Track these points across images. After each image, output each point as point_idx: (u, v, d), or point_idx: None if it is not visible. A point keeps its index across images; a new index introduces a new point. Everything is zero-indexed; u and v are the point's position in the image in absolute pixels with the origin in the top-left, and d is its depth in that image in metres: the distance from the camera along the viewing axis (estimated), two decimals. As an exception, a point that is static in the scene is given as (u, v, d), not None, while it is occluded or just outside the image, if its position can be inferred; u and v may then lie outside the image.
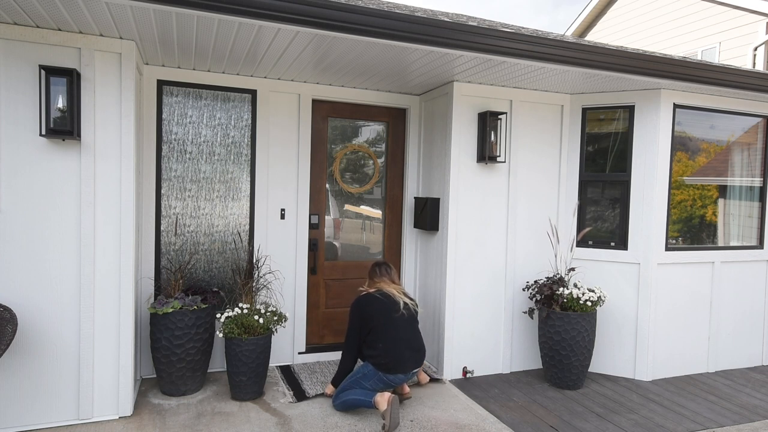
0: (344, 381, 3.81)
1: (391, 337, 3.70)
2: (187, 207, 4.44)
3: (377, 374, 3.68)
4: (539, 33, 4.02)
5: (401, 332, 3.74)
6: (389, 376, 3.68)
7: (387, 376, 3.68)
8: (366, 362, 3.78)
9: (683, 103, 4.64)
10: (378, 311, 3.76)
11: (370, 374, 3.70)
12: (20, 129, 3.26)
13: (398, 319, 3.77)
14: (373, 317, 3.74)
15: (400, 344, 3.71)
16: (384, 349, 3.67)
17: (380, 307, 3.78)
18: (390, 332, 3.72)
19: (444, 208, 4.55)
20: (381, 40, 3.26)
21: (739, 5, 8.38)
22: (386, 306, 3.79)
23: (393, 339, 3.70)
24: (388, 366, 3.65)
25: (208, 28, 3.21)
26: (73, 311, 3.43)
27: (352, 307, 3.87)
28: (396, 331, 3.73)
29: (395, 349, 3.68)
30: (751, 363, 5.17)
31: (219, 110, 4.48)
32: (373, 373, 3.69)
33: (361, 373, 3.74)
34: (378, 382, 3.70)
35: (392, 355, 3.67)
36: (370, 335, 3.75)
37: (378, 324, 3.73)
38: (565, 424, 3.72)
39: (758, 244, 5.18)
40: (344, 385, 3.78)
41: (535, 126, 4.76)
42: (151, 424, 3.50)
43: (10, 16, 3.06)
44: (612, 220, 4.77)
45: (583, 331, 4.28)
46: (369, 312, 3.77)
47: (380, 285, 3.92)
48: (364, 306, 3.82)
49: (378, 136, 5.13)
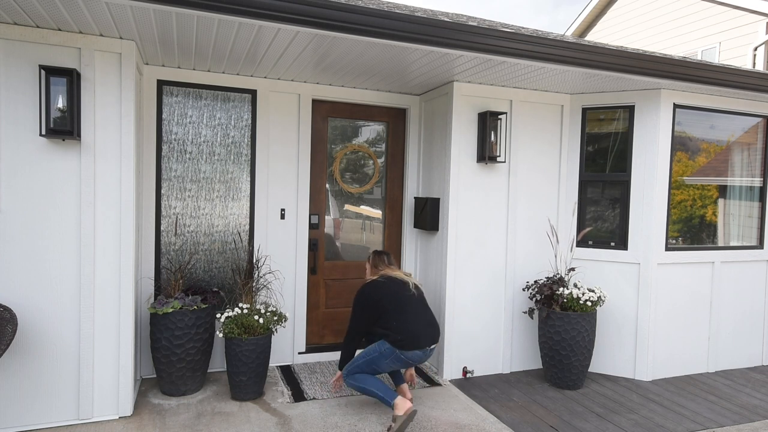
0: (359, 358, 3.69)
1: (404, 314, 3.62)
2: (187, 207, 4.44)
3: (394, 352, 3.57)
4: (539, 33, 4.02)
5: (414, 309, 3.66)
6: (406, 353, 3.57)
7: (404, 353, 3.57)
8: (382, 340, 3.65)
9: (683, 103, 4.64)
10: (387, 294, 3.68)
11: (387, 352, 3.59)
12: (20, 129, 3.26)
13: (410, 297, 3.70)
14: (382, 301, 3.65)
15: (415, 321, 3.62)
16: (398, 327, 3.57)
17: (389, 290, 3.70)
18: (403, 310, 3.63)
19: (444, 208, 4.55)
20: (381, 40, 3.26)
21: (739, 5, 8.38)
22: (395, 288, 3.71)
23: (407, 316, 3.61)
24: (404, 342, 3.55)
25: (208, 28, 3.21)
26: (73, 311, 3.43)
27: (358, 296, 3.77)
28: (409, 309, 3.65)
29: (411, 326, 3.59)
30: (751, 363, 5.17)
31: (219, 110, 4.48)
32: (390, 351, 3.58)
33: (378, 351, 3.63)
34: (395, 361, 3.61)
35: (408, 332, 3.57)
36: (381, 318, 3.64)
37: (389, 306, 3.63)
38: (565, 424, 3.72)
39: (758, 244, 5.18)
40: (359, 364, 3.67)
41: (535, 126, 4.76)
42: (151, 424, 3.50)
43: (10, 16, 3.06)
44: (612, 220, 4.77)
45: (583, 331, 4.28)
46: (377, 298, 3.67)
47: (385, 272, 3.85)
48: (371, 293, 3.71)
49: (378, 136, 5.13)
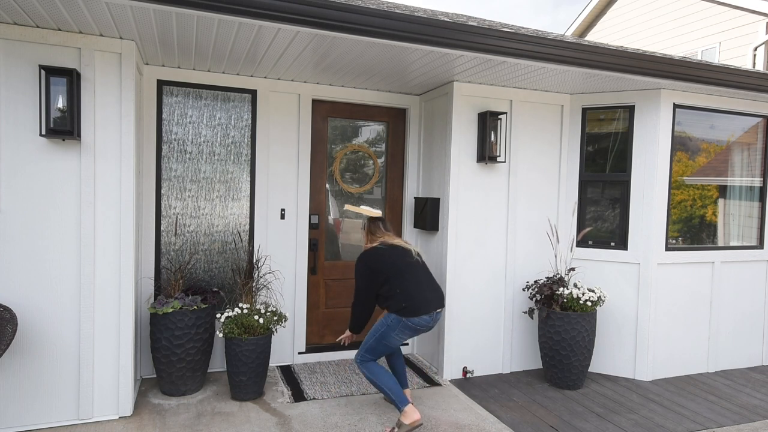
0: (369, 338, 3.62)
1: (408, 281, 3.53)
2: (187, 207, 4.44)
3: (401, 321, 3.48)
4: (539, 33, 4.02)
5: (416, 277, 3.58)
6: (414, 320, 3.47)
7: (411, 320, 3.47)
8: (387, 313, 3.58)
9: (683, 103, 4.64)
10: (388, 263, 3.58)
11: (393, 324, 3.51)
12: (20, 129, 3.26)
13: (413, 264, 3.62)
14: (384, 267, 3.56)
15: (418, 287, 3.53)
16: (402, 294, 3.49)
17: (389, 258, 3.61)
18: (406, 276, 3.55)
19: (444, 208, 4.55)
20: (381, 40, 3.26)
21: (739, 5, 8.38)
22: (396, 255, 3.62)
23: (410, 282, 3.53)
24: (410, 309, 3.46)
25: (208, 28, 3.21)
26: (73, 311, 3.43)
27: (359, 263, 3.65)
28: (411, 277, 3.56)
29: (415, 291, 3.51)
30: (751, 363, 5.17)
31: (219, 110, 4.48)
32: (396, 322, 3.49)
33: (385, 325, 3.55)
34: (404, 330, 3.51)
35: (413, 297, 3.49)
36: (385, 286, 3.56)
37: (391, 274, 3.54)
38: (565, 424, 3.72)
39: (758, 244, 5.18)
40: (371, 346, 3.59)
41: (535, 126, 4.76)
42: (151, 424, 3.50)
43: (10, 16, 3.06)
44: (612, 220, 4.77)
45: (583, 331, 4.28)
46: (378, 264, 3.59)
47: (384, 239, 3.74)
48: (371, 259, 3.62)
49: (378, 136, 5.13)
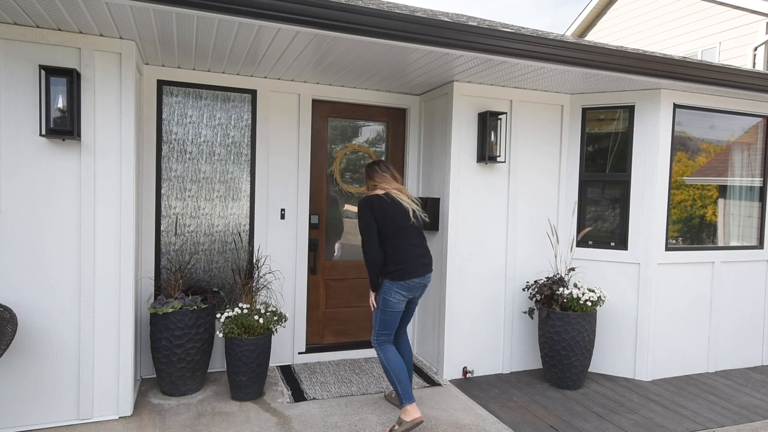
0: (376, 316, 3.64)
1: (398, 245, 3.56)
2: (187, 207, 4.44)
3: (394, 284, 3.54)
4: (539, 33, 4.02)
5: (410, 240, 3.60)
6: (407, 282, 3.54)
7: (404, 283, 3.54)
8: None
9: (683, 103, 4.64)
10: (386, 217, 3.56)
11: (387, 289, 3.56)
12: (20, 129, 3.26)
13: (409, 227, 3.61)
14: (385, 218, 3.55)
15: (411, 251, 3.58)
16: (392, 257, 3.54)
17: (389, 214, 3.57)
18: (398, 240, 3.56)
19: (444, 208, 4.55)
20: (381, 40, 3.26)
21: (739, 5, 8.38)
22: (395, 213, 3.58)
23: (401, 247, 3.56)
24: (400, 273, 3.51)
25: (208, 28, 3.21)
26: (73, 311, 3.43)
27: (361, 205, 3.59)
28: (404, 239, 3.58)
29: (406, 256, 3.55)
30: (751, 363, 5.17)
31: (219, 110, 4.48)
32: (390, 285, 3.55)
33: (383, 295, 3.58)
34: (400, 291, 3.55)
35: (401, 261, 3.53)
36: (380, 234, 3.58)
37: (389, 231, 3.56)
38: (565, 424, 3.72)
39: (758, 244, 5.18)
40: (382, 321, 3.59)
41: (535, 126, 4.76)
42: (151, 424, 3.50)
43: (10, 16, 3.06)
44: (612, 220, 4.77)
45: (583, 331, 4.28)
46: (380, 213, 3.54)
47: (384, 186, 3.69)
48: (373, 204, 3.57)
49: (378, 136, 5.13)
